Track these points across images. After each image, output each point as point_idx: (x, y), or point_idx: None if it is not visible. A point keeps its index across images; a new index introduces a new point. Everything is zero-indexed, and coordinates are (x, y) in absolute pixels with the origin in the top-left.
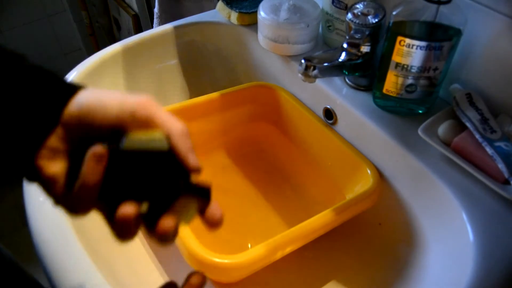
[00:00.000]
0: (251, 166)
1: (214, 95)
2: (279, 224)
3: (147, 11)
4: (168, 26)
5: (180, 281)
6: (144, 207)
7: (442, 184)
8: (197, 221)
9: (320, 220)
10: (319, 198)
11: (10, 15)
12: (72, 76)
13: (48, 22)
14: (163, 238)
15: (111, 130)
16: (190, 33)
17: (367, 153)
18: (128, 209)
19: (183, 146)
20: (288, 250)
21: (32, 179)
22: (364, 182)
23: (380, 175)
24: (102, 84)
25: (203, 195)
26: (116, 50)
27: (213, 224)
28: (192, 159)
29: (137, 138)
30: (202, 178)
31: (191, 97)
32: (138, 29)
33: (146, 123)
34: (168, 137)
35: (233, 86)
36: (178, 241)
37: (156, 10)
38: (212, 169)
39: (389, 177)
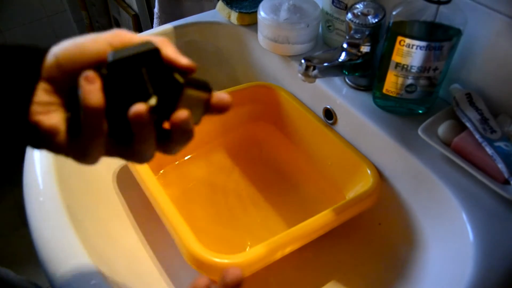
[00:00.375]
0: (251, 166)
1: None
2: (279, 224)
3: (147, 11)
4: (168, 26)
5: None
6: (153, 100)
7: (442, 184)
8: (197, 222)
9: (320, 220)
10: (319, 198)
11: (10, 15)
12: None
13: (48, 22)
14: (181, 130)
15: (95, 65)
16: (190, 33)
17: (367, 153)
18: (139, 106)
19: (170, 50)
20: (288, 250)
21: (35, 141)
22: (364, 182)
23: (380, 175)
24: None
25: (204, 87)
26: None
27: (223, 106)
28: (183, 59)
29: (123, 48)
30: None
31: None
32: (138, 29)
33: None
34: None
35: (233, 86)
36: (177, 241)
37: (156, 10)
38: (212, 169)
39: (389, 177)
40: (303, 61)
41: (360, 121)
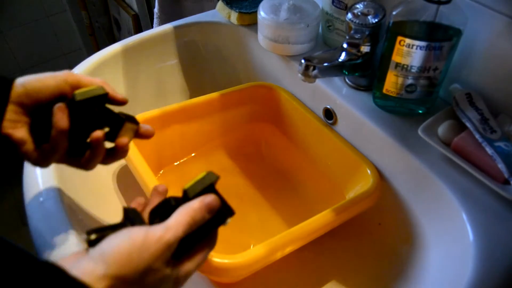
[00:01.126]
0: (251, 166)
1: (214, 95)
2: (279, 224)
3: (147, 11)
4: (168, 26)
5: None
6: (107, 129)
7: (442, 184)
8: None
9: (320, 220)
10: (319, 198)
11: (10, 15)
12: None
13: (48, 22)
14: (123, 150)
15: (55, 97)
16: (190, 33)
17: (367, 153)
18: (98, 133)
19: (109, 89)
20: (288, 250)
21: (7, 149)
22: (364, 182)
23: (380, 175)
24: None
25: (135, 121)
26: (116, 50)
27: (148, 134)
28: (119, 95)
29: (84, 91)
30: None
31: (191, 97)
32: (138, 29)
33: (77, 85)
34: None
35: (233, 86)
36: None
37: (156, 10)
38: (212, 169)
39: (389, 177)
40: (303, 61)
41: (360, 121)
